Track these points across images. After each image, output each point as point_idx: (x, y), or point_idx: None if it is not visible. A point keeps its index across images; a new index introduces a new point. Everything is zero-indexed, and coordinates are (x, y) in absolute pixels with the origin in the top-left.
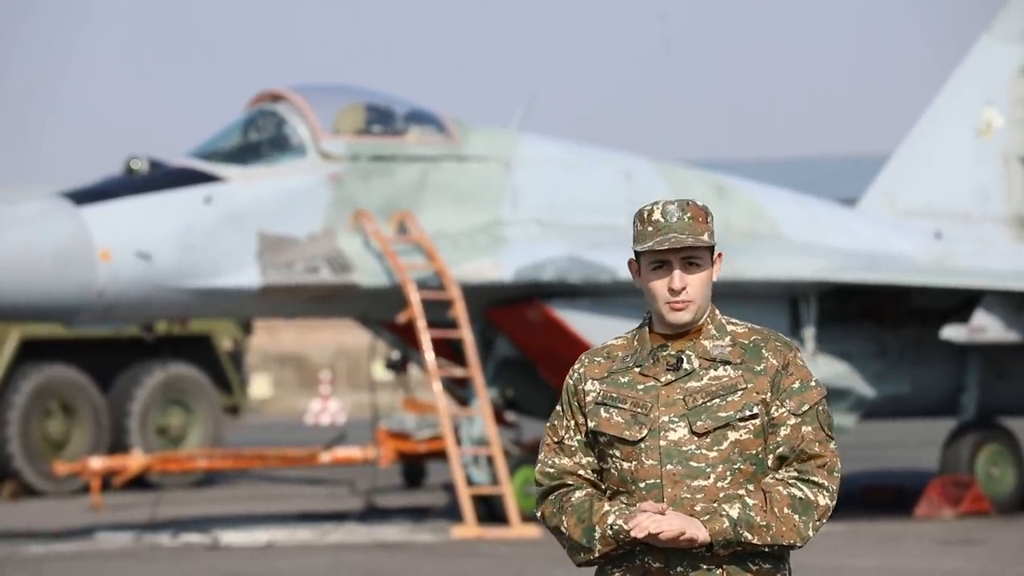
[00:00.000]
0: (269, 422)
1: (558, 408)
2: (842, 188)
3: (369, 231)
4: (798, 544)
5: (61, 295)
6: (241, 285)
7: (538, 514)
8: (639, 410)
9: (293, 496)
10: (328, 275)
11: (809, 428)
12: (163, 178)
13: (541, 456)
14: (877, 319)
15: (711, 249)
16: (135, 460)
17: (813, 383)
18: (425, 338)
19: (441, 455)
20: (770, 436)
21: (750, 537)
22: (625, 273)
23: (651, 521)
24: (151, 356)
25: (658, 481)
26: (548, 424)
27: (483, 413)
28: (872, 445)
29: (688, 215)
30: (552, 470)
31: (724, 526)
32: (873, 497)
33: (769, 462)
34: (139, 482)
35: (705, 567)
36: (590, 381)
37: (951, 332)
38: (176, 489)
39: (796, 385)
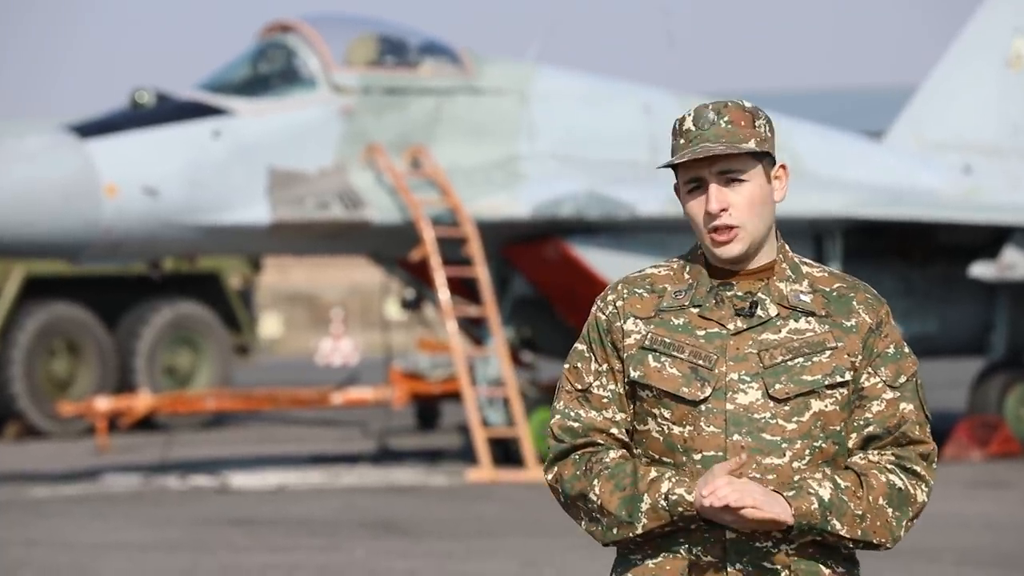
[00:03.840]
0: (279, 362)
1: (581, 348)
2: (868, 121)
3: (382, 166)
4: (887, 545)
5: (66, 231)
6: (250, 222)
7: (549, 477)
8: (701, 362)
9: (304, 438)
10: (339, 211)
11: (910, 406)
12: (170, 111)
13: (559, 406)
14: (904, 256)
15: (763, 159)
16: (142, 401)
17: (907, 350)
18: (439, 276)
19: (456, 396)
20: (856, 410)
21: (838, 527)
22: (646, 209)
23: (732, 490)
24: (158, 294)
25: (720, 454)
26: (568, 366)
27: (499, 353)
28: None
29: (726, 119)
30: (577, 424)
31: (812, 507)
32: None
33: (849, 442)
34: (146, 423)
35: (769, 566)
36: (631, 319)
37: (980, 269)
38: (184, 430)
39: (891, 350)
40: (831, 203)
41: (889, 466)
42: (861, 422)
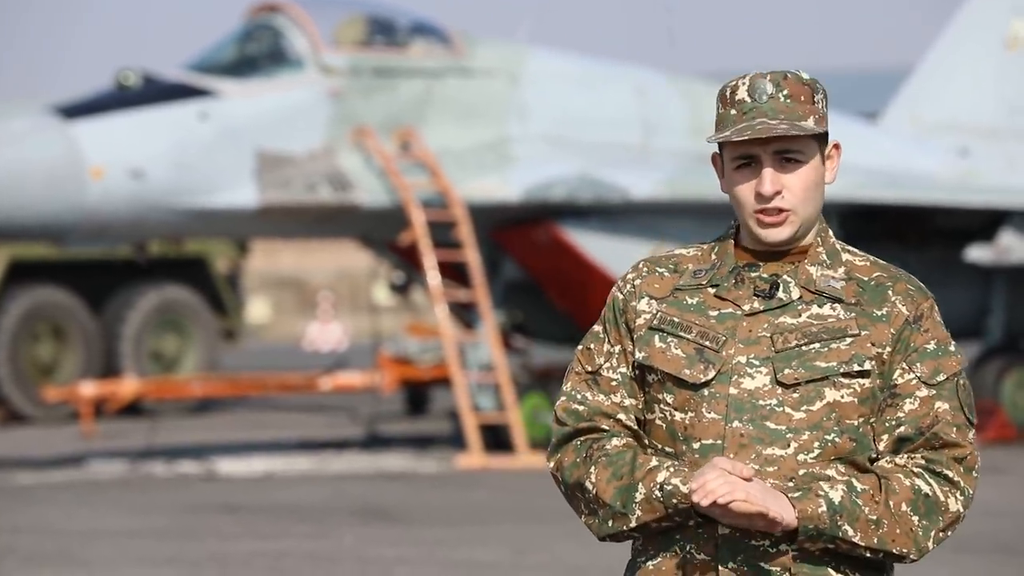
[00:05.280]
0: (267, 347)
1: (597, 328)
2: (863, 102)
3: (371, 148)
4: (912, 556)
5: (51, 214)
6: (238, 204)
7: (551, 464)
8: (707, 344)
9: (292, 424)
10: (328, 194)
11: (946, 406)
12: (156, 93)
13: (566, 387)
14: (899, 239)
15: (820, 139)
16: (128, 386)
17: (952, 348)
18: (429, 260)
19: (445, 381)
20: (888, 409)
21: (850, 533)
22: (638, 192)
23: (722, 484)
24: (144, 278)
25: (718, 442)
26: (581, 347)
27: (489, 338)
28: None
29: (785, 92)
30: (582, 408)
31: (820, 511)
32: None
33: (881, 445)
34: (132, 409)
35: (766, 567)
36: (646, 298)
37: (977, 253)
38: (170, 416)
39: (931, 346)
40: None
41: (916, 469)
42: (893, 422)
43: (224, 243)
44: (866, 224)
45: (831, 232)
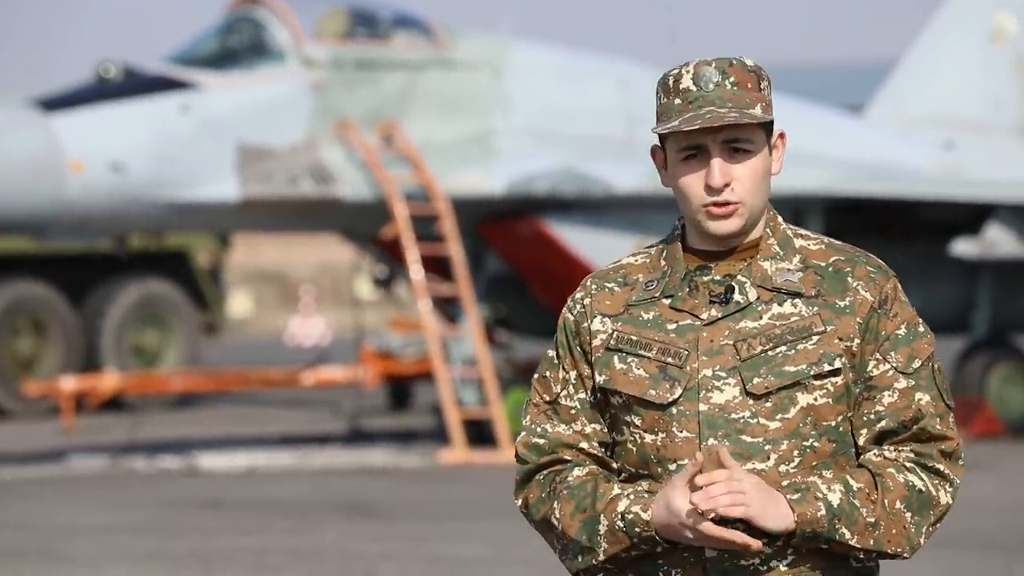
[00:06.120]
0: (249, 341)
1: (551, 354)
2: (847, 95)
3: (353, 141)
4: (904, 555)
5: (30, 208)
6: (219, 198)
7: (518, 502)
8: (670, 360)
9: (274, 419)
10: (310, 187)
11: (927, 397)
12: (137, 85)
13: (526, 422)
14: (884, 233)
15: (767, 128)
16: (108, 380)
17: (922, 328)
18: (412, 254)
19: (429, 376)
20: (865, 402)
21: (848, 536)
22: (623, 186)
23: (726, 495)
24: (125, 272)
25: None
26: (537, 376)
27: (472, 332)
28: None
29: (732, 80)
30: (542, 441)
31: (819, 514)
32: None
33: (860, 439)
34: (113, 403)
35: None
36: (599, 317)
37: (962, 247)
38: (152, 411)
39: (902, 331)
40: (810, 179)
41: (908, 464)
42: (872, 416)
43: (205, 237)
44: (850, 218)
45: (780, 218)
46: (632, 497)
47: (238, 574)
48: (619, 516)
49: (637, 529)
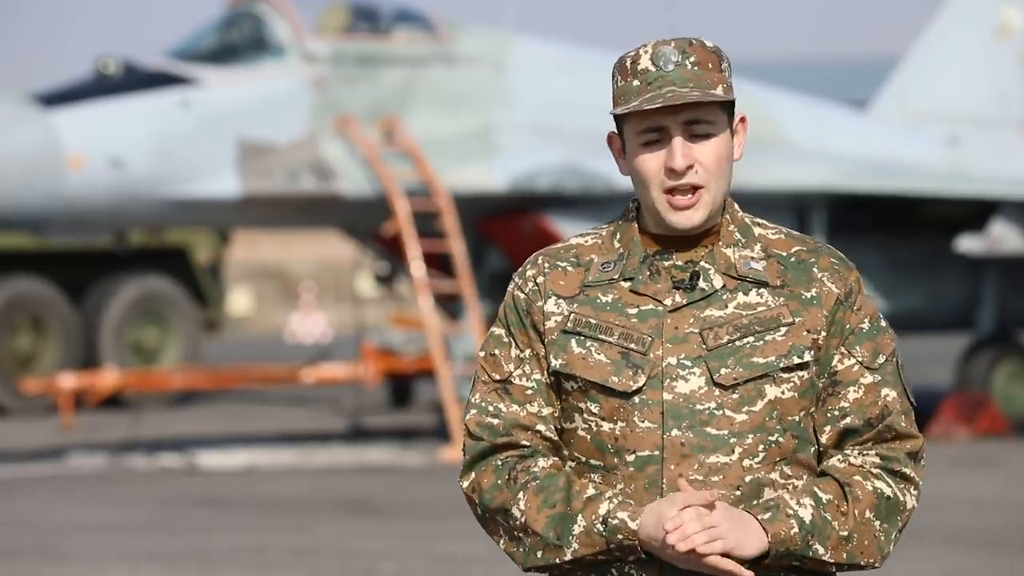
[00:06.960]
0: (249, 338)
1: (498, 332)
2: (852, 91)
3: (354, 137)
4: (876, 565)
5: (29, 204)
6: (219, 194)
7: (464, 484)
8: (632, 346)
9: (275, 416)
10: (311, 183)
11: (893, 393)
12: (136, 81)
13: (474, 399)
14: (888, 230)
15: (729, 109)
16: (108, 377)
17: (884, 323)
18: (413, 250)
19: (430, 373)
20: (830, 399)
21: (821, 551)
22: (625, 181)
23: (702, 532)
24: (124, 269)
25: (656, 453)
26: (483, 353)
27: (474, 329)
28: None
29: (692, 59)
30: (496, 421)
31: (792, 532)
32: None
33: (823, 437)
34: (112, 401)
35: None
36: (553, 298)
37: (967, 243)
38: (151, 408)
39: (866, 325)
40: (814, 176)
41: (875, 471)
42: (836, 412)
43: (205, 233)
44: (855, 214)
45: (736, 205)
46: (616, 501)
47: (238, 572)
48: (600, 519)
49: (620, 536)
